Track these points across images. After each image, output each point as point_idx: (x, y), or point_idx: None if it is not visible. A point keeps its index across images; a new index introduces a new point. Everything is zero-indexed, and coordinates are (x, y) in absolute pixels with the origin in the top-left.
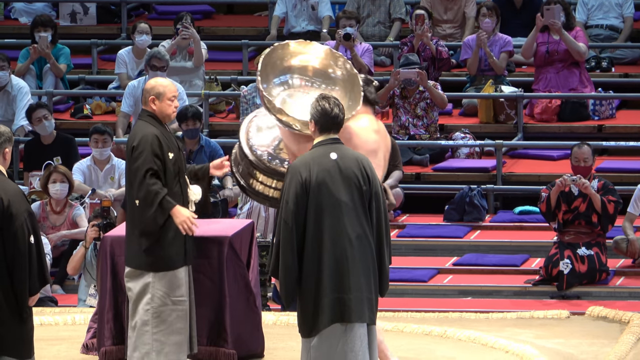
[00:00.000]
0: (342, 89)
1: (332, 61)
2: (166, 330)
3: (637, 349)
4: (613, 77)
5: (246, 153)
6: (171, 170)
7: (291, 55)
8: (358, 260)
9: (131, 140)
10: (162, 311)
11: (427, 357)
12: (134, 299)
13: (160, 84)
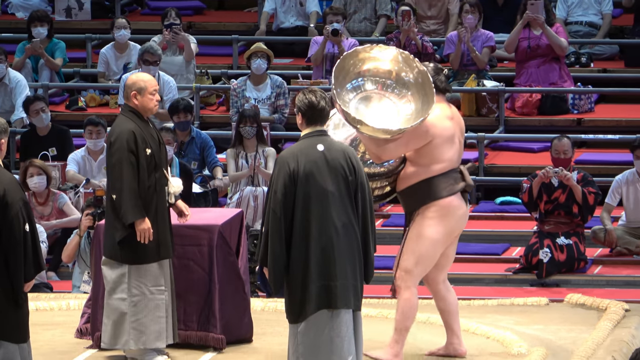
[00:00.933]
0: (416, 92)
1: (403, 64)
2: (144, 319)
3: (614, 335)
4: (592, 72)
5: None
6: (145, 166)
7: (363, 61)
8: (344, 249)
9: (110, 135)
10: (139, 301)
11: (411, 342)
12: (109, 286)
13: (141, 79)
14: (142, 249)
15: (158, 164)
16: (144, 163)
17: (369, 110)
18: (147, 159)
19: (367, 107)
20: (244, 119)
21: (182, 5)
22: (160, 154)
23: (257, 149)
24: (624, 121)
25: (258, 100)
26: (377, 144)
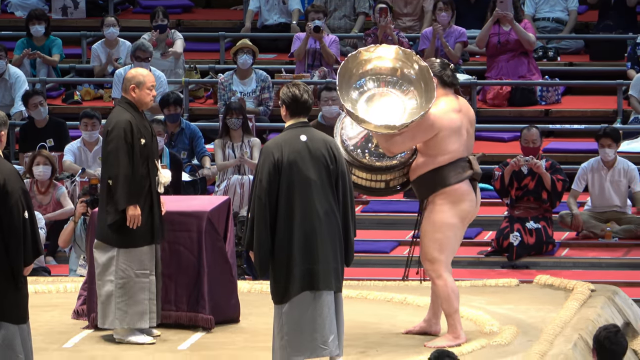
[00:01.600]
0: (418, 87)
1: (405, 61)
2: (128, 300)
3: (581, 314)
4: (559, 65)
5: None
6: (139, 155)
7: (366, 62)
8: (326, 234)
9: (107, 124)
10: (125, 283)
11: (389, 322)
12: (99, 269)
13: (140, 74)
14: (132, 234)
15: (150, 154)
16: (138, 153)
17: (375, 108)
18: (141, 149)
19: (373, 105)
20: (230, 111)
21: (171, 4)
22: (152, 145)
23: (243, 139)
24: (589, 112)
25: (244, 93)
26: (386, 139)
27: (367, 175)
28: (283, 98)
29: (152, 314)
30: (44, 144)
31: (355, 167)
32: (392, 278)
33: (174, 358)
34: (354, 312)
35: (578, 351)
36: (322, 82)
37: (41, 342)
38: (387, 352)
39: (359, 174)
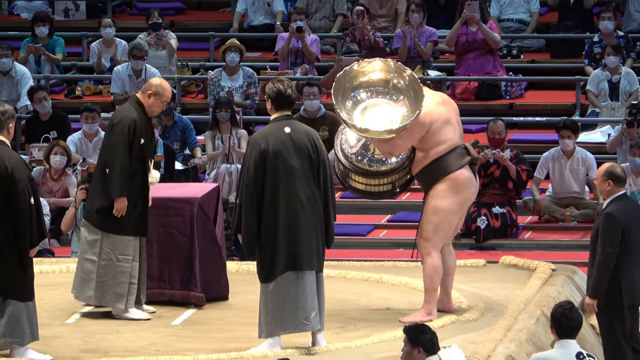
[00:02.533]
0: (407, 94)
1: (394, 72)
2: (109, 281)
3: (543, 292)
4: (522, 63)
5: (341, 160)
6: (137, 153)
7: (356, 75)
8: (308, 218)
9: (114, 117)
10: (106, 265)
11: (367, 299)
12: (83, 247)
13: (162, 86)
14: (118, 221)
15: (147, 154)
16: (137, 150)
17: (371, 117)
18: (140, 148)
19: (369, 115)
20: (219, 105)
21: (165, 6)
22: (150, 147)
23: (231, 131)
24: (549, 105)
25: (232, 88)
26: (387, 143)
27: (374, 182)
28: (269, 93)
29: (130, 296)
30: (48, 136)
31: (363, 176)
32: (369, 259)
33: (168, 333)
34: (334, 290)
35: (540, 326)
36: (304, 78)
37: (46, 318)
38: (365, 327)
39: (367, 181)
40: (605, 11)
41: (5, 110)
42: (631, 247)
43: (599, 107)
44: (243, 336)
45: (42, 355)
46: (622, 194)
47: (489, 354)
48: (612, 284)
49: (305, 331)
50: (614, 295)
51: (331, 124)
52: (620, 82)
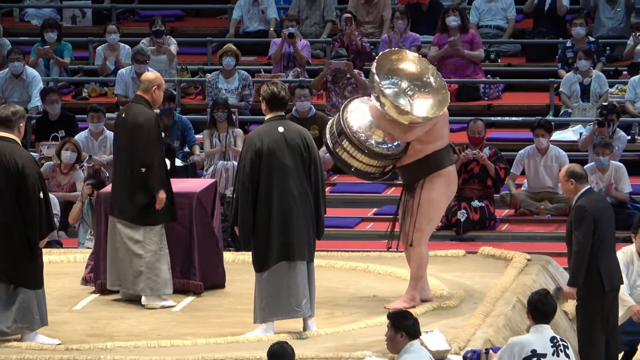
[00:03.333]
0: (435, 88)
1: (424, 67)
2: (156, 270)
3: (519, 280)
4: (499, 66)
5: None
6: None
7: (395, 61)
8: (300, 212)
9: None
10: (151, 256)
11: (354, 287)
12: (129, 245)
13: (158, 77)
14: (156, 214)
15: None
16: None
17: (411, 103)
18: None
19: (407, 101)
20: (216, 106)
21: (165, 14)
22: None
23: (227, 130)
24: (525, 106)
25: (228, 90)
26: (405, 129)
27: (372, 162)
28: (263, 95)
29: (170, 281)
30: (57, 134)
31: (365, 154)
32: (356, 249)
33: (169, 318)
34: (323, 279)
35: (516, 312)
36: (296, 80)
37: (54, 305)
38: (352, 313)
39: (365, 160)
40: (577, 18)
41: (16, 110)
42: (604, 235)
43: (571, 108)
44: (239, 322)
45: (51, 339)
46: (588, 189)
47: (469, 338)
48: (592, 272)
49: (297, 317)
50: (595, 282)
51: (321, 123)
52: (591, 85)
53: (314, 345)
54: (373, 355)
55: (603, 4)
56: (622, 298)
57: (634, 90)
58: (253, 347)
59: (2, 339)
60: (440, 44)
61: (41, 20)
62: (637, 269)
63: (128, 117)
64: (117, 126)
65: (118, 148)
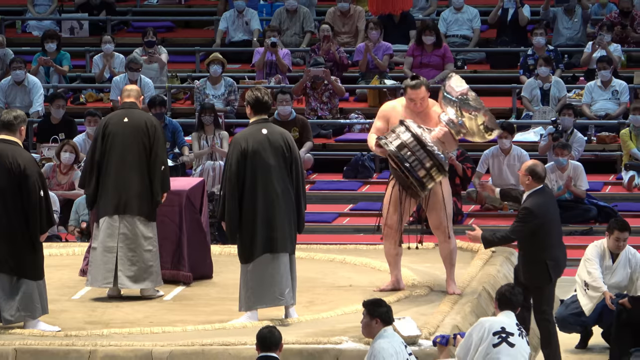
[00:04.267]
0: (483, 111)
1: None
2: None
3: (484, 271)
4: (466, 73)
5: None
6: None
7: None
8: (282, 208)
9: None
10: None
11: (332, 277)
12: (141, 241)
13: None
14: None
15: None
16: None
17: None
18: None
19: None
20: (204, 110)
21: (157, 25)
22: None
23: (214, 132)
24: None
25: (215, 96)
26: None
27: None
28: (248, 100)
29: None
30: (57, 137)
31: (443, 173)
32: (334, 242)
33: (161, 307)
34: (304, 270)
35: (482, 300)
36: (277, 86)
37: (54, 295)
38: (330, 301)
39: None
40: (538, 28)
41: (18, 115)
42: (550, 233)
43: (532, 111)
44: (225, 310)
45: (52, 326)
46: (539, 189)
47: (438, 324)
48: (541, 265)
49: (279, 305)
50: (544, 274)
51: (301, 126)
52: (551, 89)
53: (295, 331)
54: (350, 340)
55: (561, 15)
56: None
57: (590, 94)
58: (238, 333)
59: (6, 327)
60: (414, 55)
61: (42, 32)
62: (607, 264)
63: (135, 119)
64: (124, 128)
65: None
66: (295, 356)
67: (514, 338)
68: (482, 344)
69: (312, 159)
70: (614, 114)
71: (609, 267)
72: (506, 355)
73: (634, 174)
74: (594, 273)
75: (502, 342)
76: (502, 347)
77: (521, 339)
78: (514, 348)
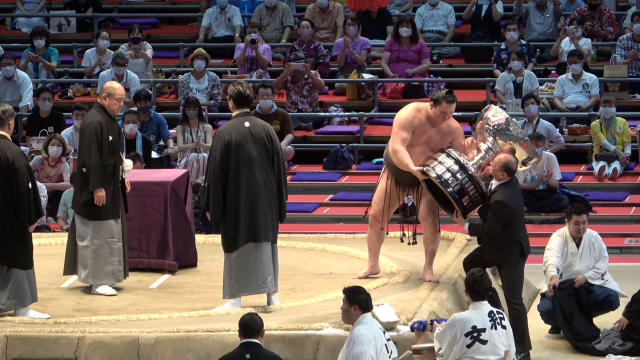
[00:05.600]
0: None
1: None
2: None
3: (460, 258)
4: (441, 67)
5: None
6: (107, 148)
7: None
8: (265, 198)
9: (82, 123)
10: (97, 249)
11: (312, 265)
12: (79, 237)
13: (112, 87)
14: (100, 210)
15: (116, 149)
16: (106, 147)
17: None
18: (109, 144)
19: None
20: (188, 104)
21: (142, 22)
22: (118, 142)
23: (198, 125)
24: (464, 102)
25: (199, 90)
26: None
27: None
28: (230, 94)
29: (119, 272)
30: (46, 130)
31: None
32: (314, 231)
33: (147, 295)
34: (285, 258)
35: (458, 286)
36: (259, 80)
37: (44, 283)
38: (311, 288)
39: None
40: (511, 23)
41: (6, 109)
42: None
43: (505, 104)
44: (209, 297)
45: (41, 314)
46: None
47: (416, 310)
48: (514, 245)
49: (262, 293)
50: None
51: (282, 118)
52: (523, 83)
53: (277, 318)
54: (330, 326)
55: (534, 10)
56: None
57: (561, 87)
58: (222, 319)
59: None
60: (392, 50)
61: (31, 28)
62: (572, 250)
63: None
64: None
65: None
66: (277, 342)
67: (486, 333)
68: (456, 344)
69: (292, 151)
70: (584, 106)
71: (574, 252)
72: (480, 354)
73: (604, 164)
74: (549, 260)
75: (475, 342)
76: (475, 346)
77: (495, 330)
78: (487, 345)
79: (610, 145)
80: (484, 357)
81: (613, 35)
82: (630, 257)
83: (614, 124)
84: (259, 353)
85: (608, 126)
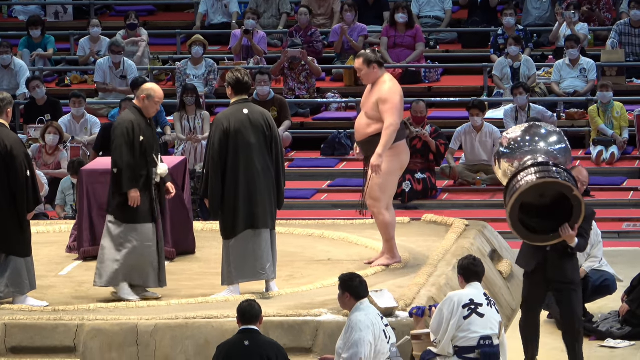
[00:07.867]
0: None
1: None
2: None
3: (458, 244)
4: (438, 52)
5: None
6: (138, 149)
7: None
8: (263, 184)
9: (115, 123)
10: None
11: (311, 251)
12: (111, 238)
13: (152, 89)
14: (135, 212)
15: (148, 150)
16: (138, 147)
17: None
18: (141, 145)
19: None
20: (186, 91)
21: (139, 9)
22: (152, 143)
23: (195, 112)
24: (461, 88)
25: (196, 76)
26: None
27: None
28: (229, 81)
29: (152, 277)
30: (43, 118)
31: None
32: (312, 218)
33: None
34: (283, 245)
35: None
36: (256, 67)
37: (42, 271)
38: (309, 275)
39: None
40: (508, 8)
41: (3, 97)
42: None
43: (502, 89)
44: (208, 284)
45: (40, 301)
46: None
47: (414, 296)
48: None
49: (261, 279)
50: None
51: (279, 105)
52: (521, 68)
53: (276, 304)
54: (329, 313)
55: None
56: None
57: (558, 72)
58: (221, 306)
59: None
60: (389, 36)
61: (27, 16)
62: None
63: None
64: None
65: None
66: (276, 328)
67: (483, 308)
68: (453, 318)
69: (290, 137)
70: (582, 91)
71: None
72: (477, 326)
73: (601, 148)
74: None
75: (472, 314)
76: (473, 318)
77: (490, 309)
78: (484, 318)
79: (608, 130)
80: (480, 331)
81: (611, 21)
82: (628, 242)
83: (611, 109)
84: (258, 340)
85: (605, 111)
